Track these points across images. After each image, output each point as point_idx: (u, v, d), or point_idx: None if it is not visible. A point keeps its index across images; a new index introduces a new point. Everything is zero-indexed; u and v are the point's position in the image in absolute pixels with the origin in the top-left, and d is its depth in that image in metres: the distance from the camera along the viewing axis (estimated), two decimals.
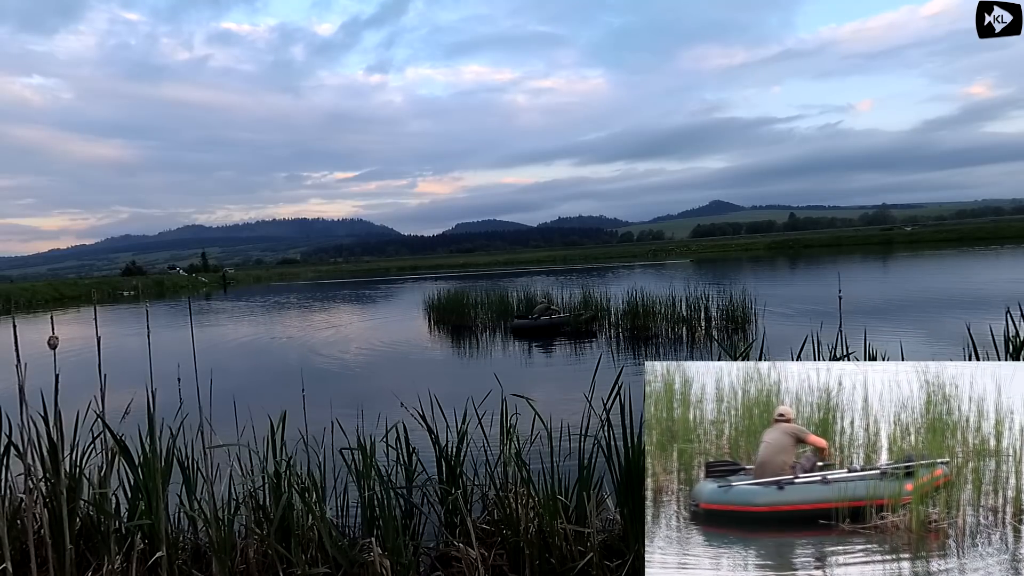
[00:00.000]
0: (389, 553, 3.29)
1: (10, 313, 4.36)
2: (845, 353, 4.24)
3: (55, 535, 3.40)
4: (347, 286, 58.18)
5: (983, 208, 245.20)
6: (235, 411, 4.03)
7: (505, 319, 20.13)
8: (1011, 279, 22.38)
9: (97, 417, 3.69)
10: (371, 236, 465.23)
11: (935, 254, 46.53)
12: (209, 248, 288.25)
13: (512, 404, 3.86)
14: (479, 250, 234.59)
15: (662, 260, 73.91)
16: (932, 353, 10.42)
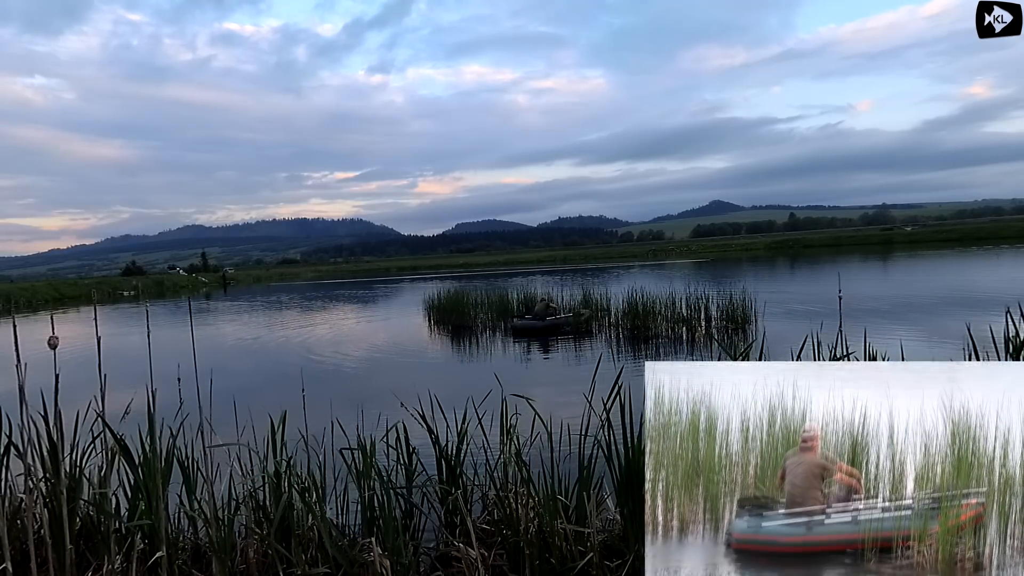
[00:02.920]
0: (389, 553, 3.29)
1: (10, 313, 4.36)
2: (845, 353, 4.24)
3: (55, 535, 3.40)
4: (347, 286, 58.19)
5: (983, 208, 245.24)
6: (235, 411, 4.03)
7: (505, 319, 20.14)
8: (1011, 279, 22.39)
9: (97, 417, 3.69)
10: (371, 236, 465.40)
11: (935, 254, 46.54)
12: (209, 248, 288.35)
13: (512, 404, 3.86)
14: (479, 250, 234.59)
15: (662, 260, 73.92)
16: (932, 353, 10.43)
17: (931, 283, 24.77)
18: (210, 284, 72.89)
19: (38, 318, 26.60)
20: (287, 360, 15.53)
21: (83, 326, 26.04)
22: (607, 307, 18.67)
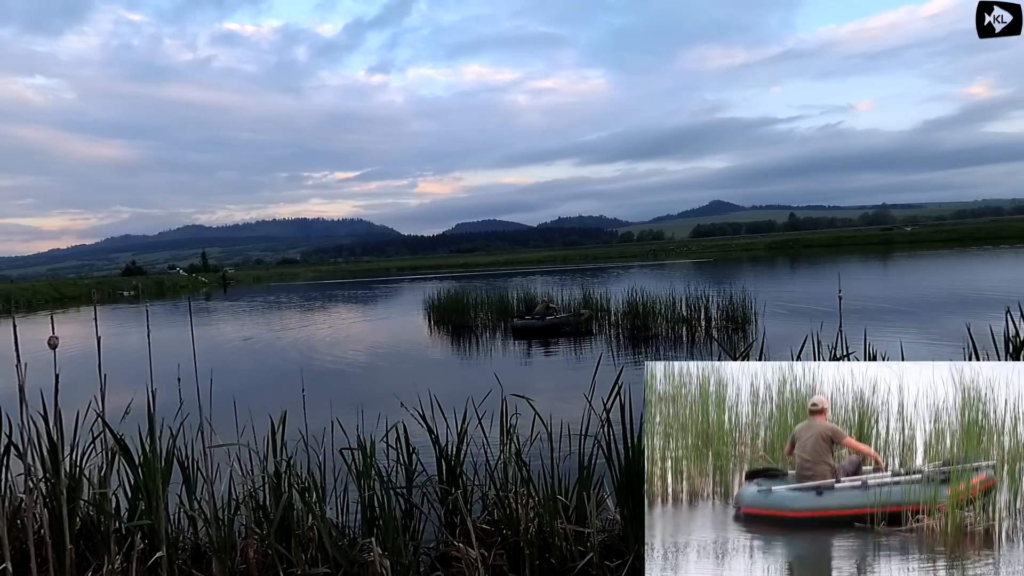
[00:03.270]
0: (389, 553, 3.29)
1: (10, 313, 4.36)
2: (845, 353, 4.24)
3: (55, 535, 3.40)
4: (347, 286, 58.18)
5: (983, 208, 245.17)
6: (235, 411, 4.03)
7: (505, 319, 20.14)
8: (1011, 279, 22.38)
9: (97, 417, 3.69)
10: (371, 236, 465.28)
11: (935, 254, 46.53)
12: (209, 248, 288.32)
13: (512, 404, 3.86)
14: (479, 250, 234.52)
15: (662, 260, 73.92)
16: (932, 353, 10.42)
17: (931, 283, 24.77)
18: (210, 284, 72.88)
19: (38, 318, 26.61)
20: (287, 360, 15.53)
21: (83, 326, 26.04)
22: (607, 307, 18.67)
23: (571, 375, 11.71)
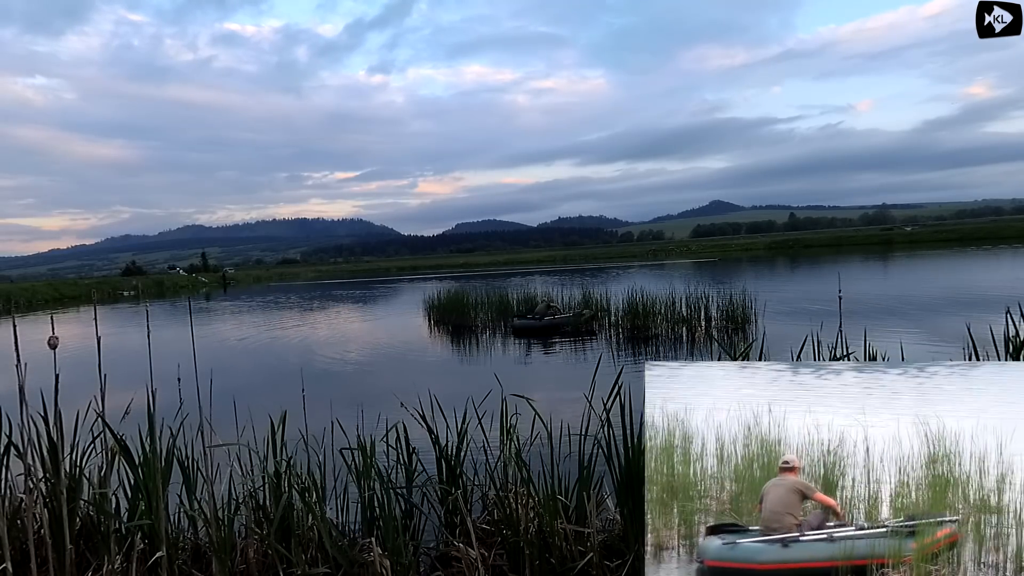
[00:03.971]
0: (389, 553, 3.29)
1: (10, 313, 4.36)
2: (845, 353, 4.24)
3: (55, 535, 3.40)
4: (347, 286, 58.18)
5: (983, 208, 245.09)
6: (235, 411, 4.03)
7: (505, 319, 20.15)
8: (1011, 279, 22.38)
9: (97, 417, 3.69)
10: (371, 236, 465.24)
11: (935, 254, 46.53)
12: (209, 248, 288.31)
13: (512, 404, 3.86)
14: (479, 250, 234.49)
15: (662, 260, 73.91)
16: (932, 354, 10.43)
17: (931, 283, 24.77)
18: (210, 284, 72.87)
19: (38, 318, 26.61)
20: (287, 360, 15.53)
21: (83, 326, 26.04)
22: (607, 307, 18.68)
23: (571, 375, 11.71)
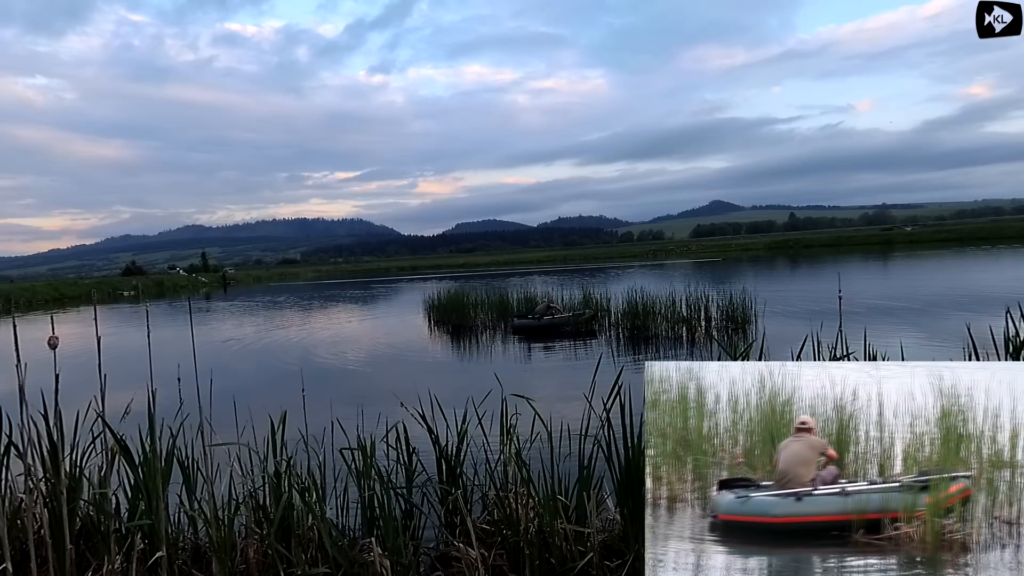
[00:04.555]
0: (389, 553, 3.29)
1: (10, 313, 4.36)
2: (845, 353, 4.24)
3: (55, 535, 3.40)
4: (347, 286, 58.18)
5: (983, 208, 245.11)
6: (235, 411, 4.03)
7: (505, 319, 20.15)
8: (1011, 279, 22.38)
9: (97, 417, 3.69)
10: (371, 236, 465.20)
11: (935, 254, 46.52)
12: (209, 248, 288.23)
13: (512, 404, 3.86)
14: (479, 250, 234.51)
15: (662, 260, 73.91)
16: (932, 353, 10.42)
17: (931, 283, 24.76)
18: (210, 284, 72.85)
19: (38, 318, 26.60)
20: (287, 360, 15.53)
21: (83, 326, 26.03)
22: (607, 307, 18.68)
23: (571, 375, 11.71)
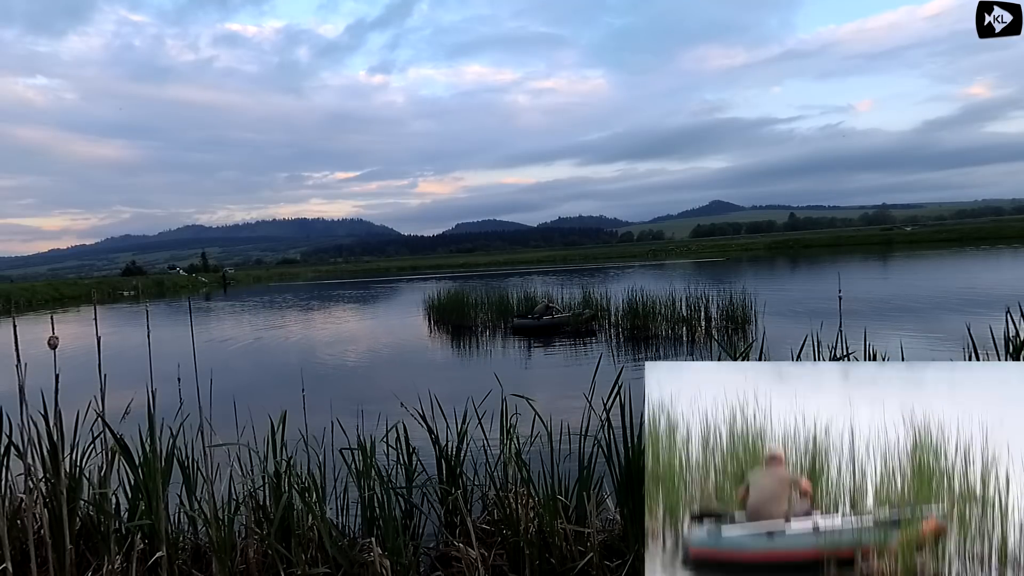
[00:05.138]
0: (389, 553, 3.29)
1: (10, 313, 4.36)
2: (845, 353, 4.24)
3: (55, 535, 3.40)
4: (347, 286, 58.17)
5: (983, 208, 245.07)
6: (235, 411, 4.03)
7: (505, 319, 20.15)
8: (1011, 279, 22.38)
9: (97, 417, 3.69)
10: (371, 236, 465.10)
11: (935, 254, 46.53)
12: (209, 248, 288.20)
13: (512, 404, 3.86)
14: (479, 250, 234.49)
15: (662, 260, 73.92)
16: (932, 354, 10.43)
17: (931, 283, 24.76)
18: (210, 284, 72.85)
19: (38, 318, 26.61)
20: (287, 360, 15.53)
21: (83, 326, 26.03)
22: (607, 307, 18.68)
23: (571, 375, 11.71)
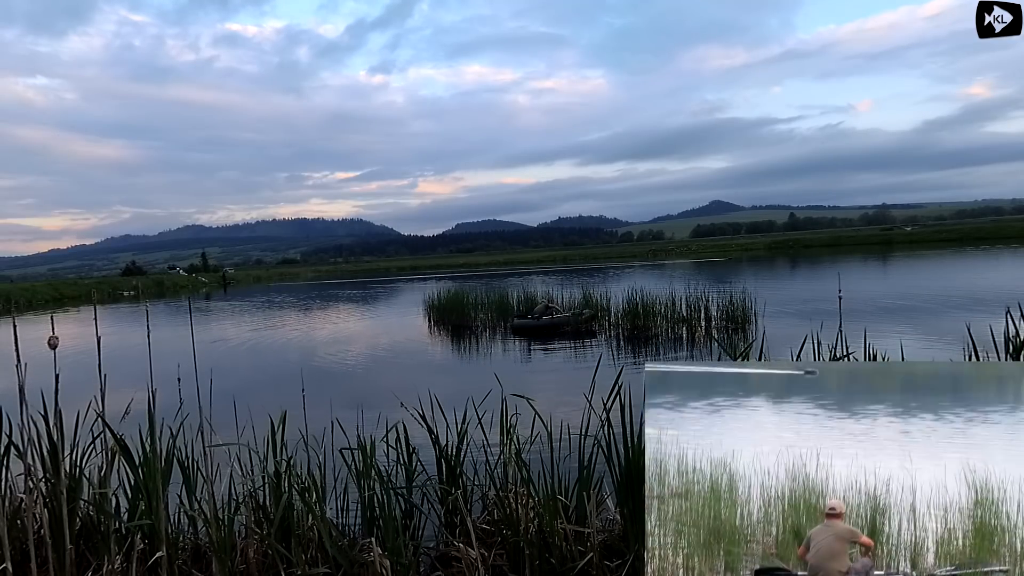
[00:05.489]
0: (389, 553, 3.29)
1: (10, 313, 4.36)
2: (845, 353, 4.24)
3: (55, 535, 3.40)
4: (347, 286, 58.17)
5: (983, 208, 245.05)
6: (235, 411, 4.03)
7: (505, 319, 20.15)
8: (1011, 279, 22.38)
9: (97, 417, 3.69)
10: (371, 236, 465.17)
11: (935, 254, 46.52)
12: (209, 248, 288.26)
13: (512, 404, 3.86)
14: (479, 250, 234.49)
15: (662, 260, 73.92)
16: (932, 354, 10.42)
17: (931, 283, 24.75)
18: (210, 284, 72.84)
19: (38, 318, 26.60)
20: (287, 360, 15.53)
21: (83, 326, 26.03)
22: (607, 307, 18.68)
23: (571, 375, 11.70)
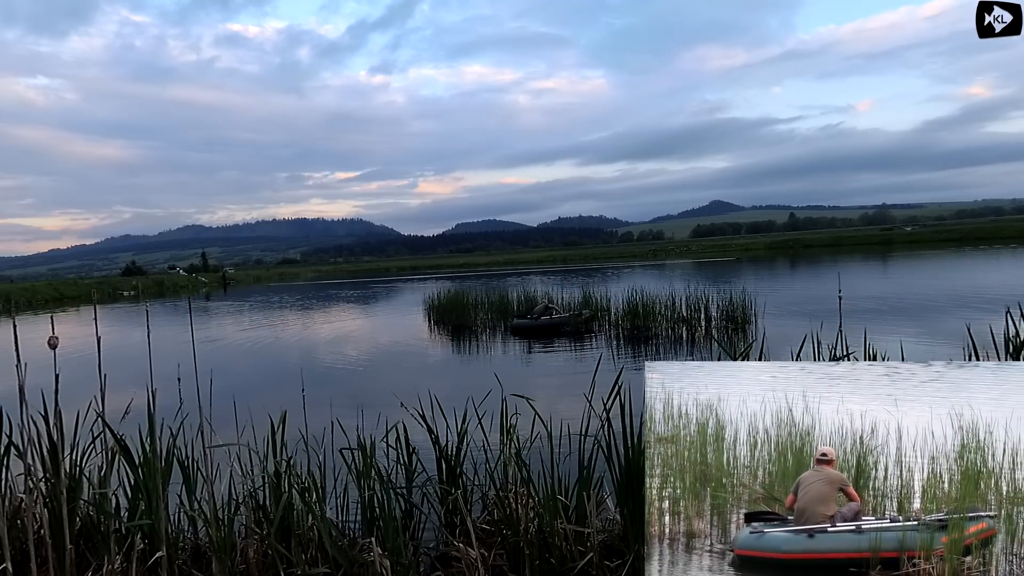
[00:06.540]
0: (389, 553, 3.29)
1: (10, 313, 4.36)
2: (845, 353, 4.24)
3: (55, 535, 3.40)
4: (347, 286, 58.18)
5: (983, 208, 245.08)
6: (235, 411, 4.03)
7: (505, 319, 20.16)
8: (1011, 279, 22.38)
9: (97, 417, 3.69)
10: (371, 236, 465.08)
11: (935, 254, 46.52)
12: (209, 248, 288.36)
13: (512, 404, 3.86)
14: (479, 250, 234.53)
15: (662, 260, 73.91)
16: (932, 354, 10.42)
17: (931, 283, 24.76)
18: (210, 284, 72.85)
19: (38, 318, 26.59)
20: (287, 360, 15.53)
21: (83, 326, 26.03)
22: (607, 307, 18.69)
23: (571, 375, 11.71)
